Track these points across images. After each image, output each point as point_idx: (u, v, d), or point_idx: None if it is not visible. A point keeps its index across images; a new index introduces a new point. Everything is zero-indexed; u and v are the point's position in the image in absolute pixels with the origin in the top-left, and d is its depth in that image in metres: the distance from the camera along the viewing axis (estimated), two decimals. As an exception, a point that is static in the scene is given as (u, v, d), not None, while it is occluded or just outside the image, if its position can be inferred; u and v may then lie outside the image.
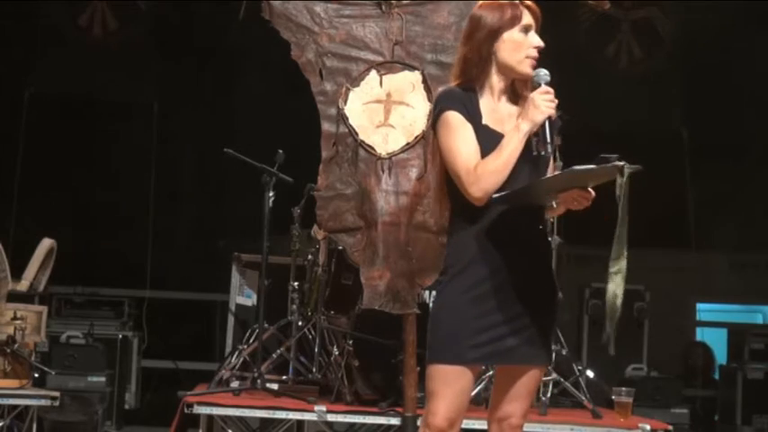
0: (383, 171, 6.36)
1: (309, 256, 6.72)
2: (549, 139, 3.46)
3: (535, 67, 3.59)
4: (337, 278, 6.51)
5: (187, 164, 10.11)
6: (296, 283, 6.70)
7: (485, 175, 3.47)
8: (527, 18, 3.58)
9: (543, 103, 3.48)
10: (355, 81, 6.64)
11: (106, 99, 9.68)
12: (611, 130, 9.58)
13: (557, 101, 3.52)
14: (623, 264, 3.47)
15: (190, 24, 9.28)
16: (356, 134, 6.58)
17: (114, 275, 9.12)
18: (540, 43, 3.58)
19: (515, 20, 3.57)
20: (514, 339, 3.52)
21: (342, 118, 6.60)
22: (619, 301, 3.44)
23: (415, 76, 6.45)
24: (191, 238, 9.82)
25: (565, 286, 6.64)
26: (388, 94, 6.52)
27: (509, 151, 3.47)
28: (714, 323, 10.05)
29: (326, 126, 6.61)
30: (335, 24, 6.70)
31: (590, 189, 3.49)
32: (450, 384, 3.51)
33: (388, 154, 6.21)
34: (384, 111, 6.46)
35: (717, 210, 9.94)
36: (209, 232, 9.67)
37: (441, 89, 3.77)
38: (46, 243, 6.19)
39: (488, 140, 3.50)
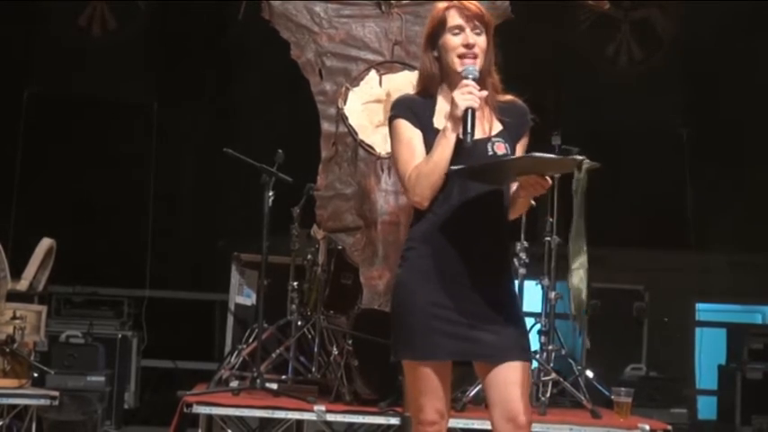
0: (383, 171, 6.37)
1: (309, 256, 6.72)
2: (468, 130, 3.49)
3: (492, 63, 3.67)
4: (337, 278, 6.51)
5: (187, 163, 10.10)
6: (295, 283, 6.71)
7: (418, 179, 3.55)
8: (455, 19, 3.64)
9: (460, 97, 3.52)
10: (355, 81, 6.65)
11: (105, 99, 9.67)
12: (611, 130, 9.58)
13: (480, 92, 3.55)
14: (584, 258, 3.48)
15: (189, 24, 9.27)
16: (356, 134, 6.60)
17: (114, 275, 9.11)
18: (468, 41, 3.62)
19: (443, 24, 3.65)
20: (478, 334, 3.53)
21: (341, 118, 6.61)
22: (584, 295, 3.45)
23: (415, 76, 6.38)
24: (190, 238, 9.82)
25: (563, 286, 6.68)
26: (388, 94, 6.53)
27: (437, 153, 3.54)
28: (713, 323, 10.03)
29: (326, 126, 6.63)
30: (335, 24, 6.71)
31: (547, 178, 3.49)
32: (427, 379, 3.55)
33: (387, 154, 6.21)
34: (384, 110, 6.47)
35: (716, 210, 9.94)
36: (209, 232, 9.67)
37: (396, 97, 3.84)
38: (45, 243, 6.19)
39: (459, 151, 3.54)
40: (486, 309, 3.52)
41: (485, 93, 3.58)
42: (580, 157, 3.45)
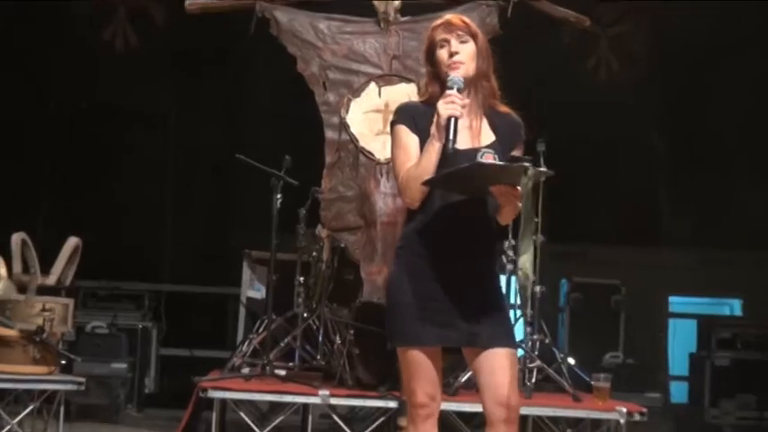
0: (381, 175, 6.37)
1: (314, 253, 6.72)
2: (450, 137, 3.47)
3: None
4: (339, 273, 6.51)
5: (201, 168, 10.11)
6: (301, 278, 6.70)
7: (408, 182, 3.54)
8: (441, 34, 3.63)
9: (443, 107, 3.50)
10: (356, 92, 6.65)
11: (127, 107, 9.68)
12: (592, 138, 9.60)
13: (463, 101, 3.52)
14: (530, 255, 3.46)
15: (203, 39, 9.27)
16: (357, 141, 6.60)
17: (135, 271, 9.11)
18: (452, 50, 3.60)
19: (434, 41, 3.65)
20: (463, 323, 3.52)
21: (344, 126, 6.62)
22: (530, 288, 3.43)
23: (411, 88, 6.46)
24: (205, 237, 9.83)
25: (547, 280, 6.69)
26: (386, 105, 6.53)
27: (424, 159, 3.52)
28: (685, 315, 10.05)
29: (330, 134, 6.63)
30: (338, 40, 6.71)
31: (518, 188, 3.47)
32: (417, 364, 3.54)
33: (386, 159, 6.21)
34: (382, 119, 6.47)
35: (688, 211, 9.96)
36: (222, 231, 9.68)
37: (395, 106, 3.83)
38: (72, 241, 6.18)
39: (445, 158, 3.51)
40: (473, 300, 3.52)
41: (467, 101, 3.55)
42: (527, 164, 3.42)
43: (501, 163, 3.47)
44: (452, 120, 3.49)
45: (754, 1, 8.67)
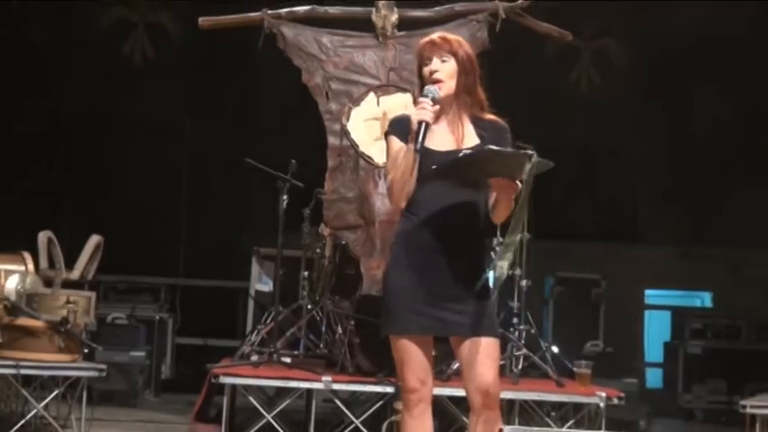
0: (380, 178, 6.38)
1: (317, 250, 6.71)
2: (419, 139, 3.50)
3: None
4: (341, 268, 6.50)
5: (214, 171, 10.11)
6: (306, 273, 6.69)
7: (393, 185, 3.58)
8: (425, 53, 3.65)
9: (414, 113, 3.55)
10: (356, 101, 6.66)
11: (145, 116, 9.67)
12: (575, 143, 9.60)
13: (433, 107, 3.54)
14: (516, 238, 3.44)
15: (215, 53, 9.27)
16: (357, 147, 6.60)
17: (153, 266, 9.11)
18: (432, 68, 3.62)
19: (420, 58, 3.68)
20: (447, 314, 3.52)
21: (345, 133, 6.62)
22: (506, 272, 3.41)
23: (407, 97, 6.47)
24: (217, 235, 9.82)
25: (533, 275, 6.69)
26: (384, 113, 6.53)
27: (403, 164, 3.54)
28: (660, 306, 10.06)
29: (332, 140, 6.63)
30: (339, 53, 6.72)
31: (517, 182, 3.46)
32: (407, 352, 3.54)
33: (383, 163, 6.21)
34: (381, 127, 6.48)
35: (662, 212, 9.97)
36: (233, 229, 9.68)
37: (391, 115, 3.85)
38: (94, 239, 6.19)
39: (425, 158, 3.54)
40: (458, 293, 3.51)
41: (437, 107, 3.56)
42: (531, 152, 3.41)
43: (508, 150, 3.47)
44: (423, 124, 3.51)
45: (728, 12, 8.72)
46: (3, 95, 9.07)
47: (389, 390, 5.62)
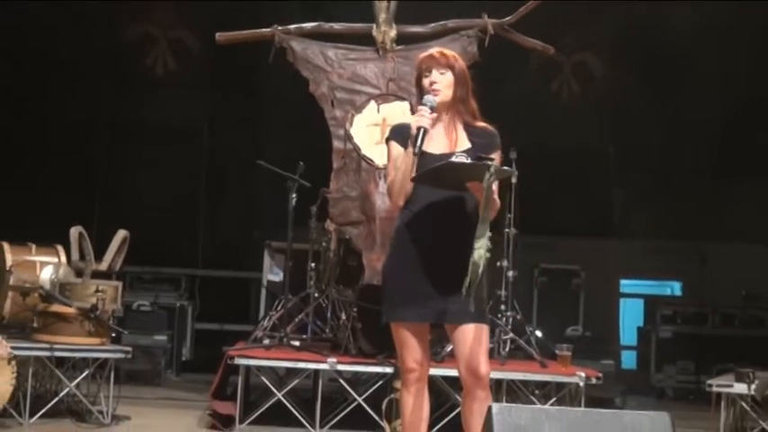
0: (380, 178, 6.37)
1: (323, 244, 6.70)
2: (418, 143, 3.51)
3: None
4: (345, 260, 6.50)
5: (230, 173, 10.09)
6: (313, 264, 6.69)
7: (392, 186, 3.60)
8: (425, 65, 3.66)
9: (413, 119, 3.57)
10: (359, 109, 6.65)
11: (165, 124, 9.66)
12: (556, 147, 9.59)
13: (431, 115, 3.54)
14: (485, 241, 3.44)
15: (232, 64, 9.25)
16: (359, 150, 6.59)
17: (174, 258, 9.10)
18: (431, 79, 3.63)
19: (419, 70, 3.68)
20: (440, 302, 3.52)
21: (348, 137, 6.61)
22: (480, 270, 3.40)
23: (405, 105, 6.47)
24: (233, 230, 9.81)
25: (519, 267, 6.68)
26: (384, 119, 6.53)
27: (401, 168, 3.56)
28: (633, 294, 10.05)
29: (336, 143, 6.63)
30: (343, 65, 6.71)
31: (494, 187, 3.46)
32: (406, 336, 3.56)
33: (384, 165, 6.20)
34: (380, 132, 6.47)
35: (635, 208, 9.96)
36: (247, 225, 9.66)
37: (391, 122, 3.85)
38: (121, 234, 6.17)
39: (422, 160, 3.54)
40: (450, 283, 3.49)
41: (434, 115, 3.56)
42: (490, 163, 3.42)
43: (467, 161, 3.49)
44: (421, 129, 3.52)
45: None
46: (39, 107, 9.08)
47: (389, 370, 5.61)
